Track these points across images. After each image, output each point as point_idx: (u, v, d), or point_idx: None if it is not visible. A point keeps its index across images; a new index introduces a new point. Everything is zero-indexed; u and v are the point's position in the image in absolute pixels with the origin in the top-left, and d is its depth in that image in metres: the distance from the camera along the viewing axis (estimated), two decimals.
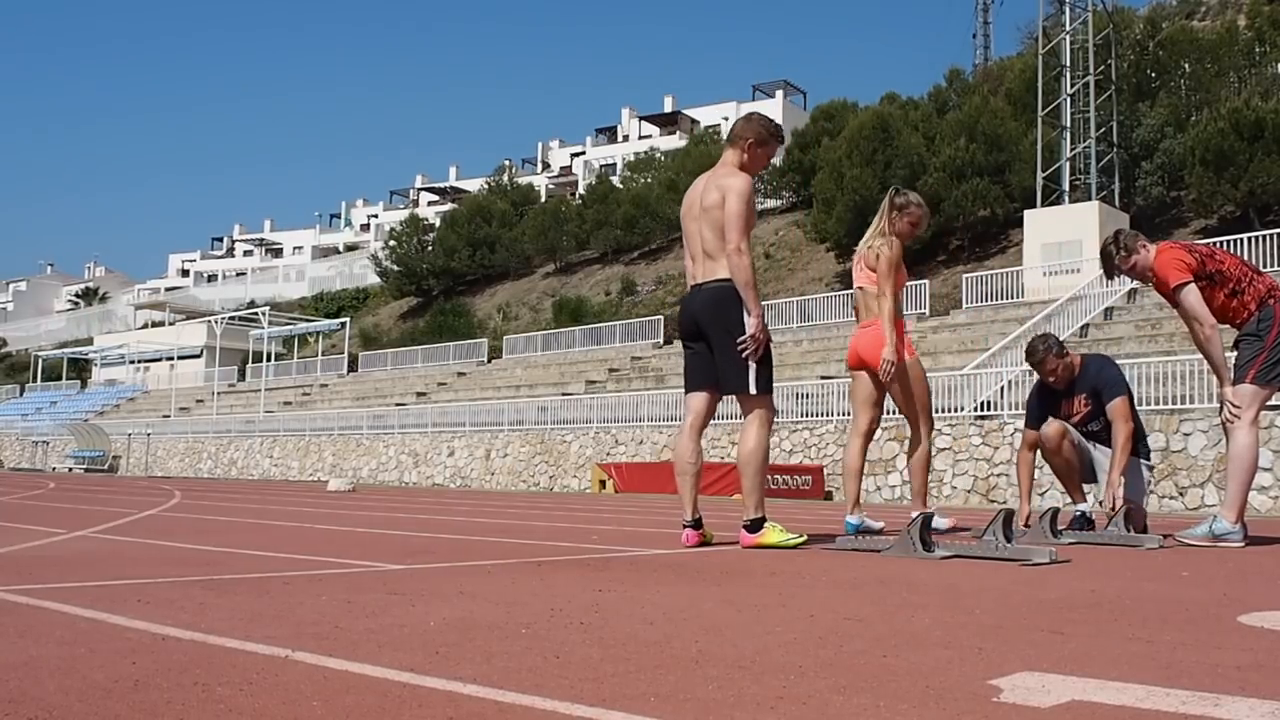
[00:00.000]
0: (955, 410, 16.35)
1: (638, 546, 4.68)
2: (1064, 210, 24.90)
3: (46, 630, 2.03)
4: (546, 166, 74.21)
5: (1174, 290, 4.88)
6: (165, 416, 39.34)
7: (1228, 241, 20.30)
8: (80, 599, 2.48)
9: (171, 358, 47.11)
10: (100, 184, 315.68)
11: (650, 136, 66.60)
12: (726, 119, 64.79)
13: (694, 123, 63.82)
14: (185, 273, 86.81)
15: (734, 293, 4.43)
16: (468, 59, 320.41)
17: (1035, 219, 25.05)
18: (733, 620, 2.31)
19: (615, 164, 60.20)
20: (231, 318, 45.39)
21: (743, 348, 4.41)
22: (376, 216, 77.89)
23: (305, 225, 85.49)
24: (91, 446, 37.01)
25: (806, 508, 11.79)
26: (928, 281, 26.03)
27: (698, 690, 1.55)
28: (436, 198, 74.15)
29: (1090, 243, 23.64)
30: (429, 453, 25.31)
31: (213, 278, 79.32)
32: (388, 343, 42.95)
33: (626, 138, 70.39)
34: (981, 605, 2.63)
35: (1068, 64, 26.48)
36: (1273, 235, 19.59)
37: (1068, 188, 26.04)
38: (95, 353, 55.14)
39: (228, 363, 44.39)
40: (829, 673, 1.70)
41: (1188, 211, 28.21)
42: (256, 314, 43.21)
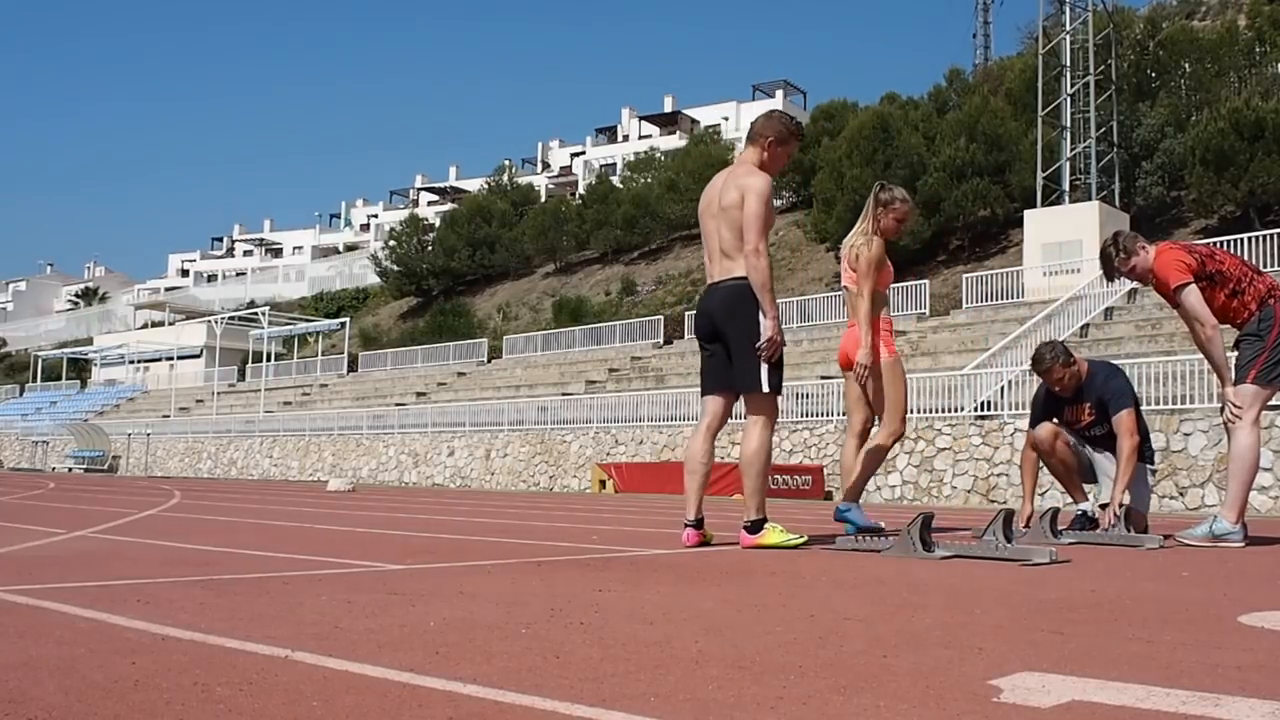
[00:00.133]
0: (955, 410, 16.35)
1: (638, 546, 4.68)
2: (1064, 210, 24.90)
3: (46, 630, 2.03)
4: (546, 166, 74.21)
5: (1174, 291, 4.87)
6: (165, 416, 39.34)
7: (1228, 241, 20.29)
8: (80, 599, 2.48)
9: (171, 358, 47.11)
10: (100, 184, 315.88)
11: (650, 136, 66.60)
12: (726, 119, 64.80)
13: (694, 123, 63.81)
14: (185, 273, 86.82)
15: (750, 291, 4.42)
16: (468, 59, 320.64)
17: (1035, 219, 25.05)
18: (733, 620, 2.31)
19: (615, 164, 60.20)
20: (231, 318, 45.40)
21: (760, 348, 4.41)
22: (376, 216, 77.91)
23: (305, 225, 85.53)
24: (91, 446, 37.01)
25: (806, 508, 11.79)
26: (928, 281, 26.01)
27: (698, 690, 1.55)
28: (436, 198, 74.16)
29: (1090, 243, 23.63)
30: (429, 453, 25.30)
31: (213, 278, 79.33)
32: (388, 343, 42.95)
33: (626, 138, 70.40)
34: (981, 605, 2.63)
35: (1068, 64, 26.48)
36: (1273, 235, 19.59)
37: (1068, 188, 26.04)
38: (95, 353, 55.14)
39: (228, 363, 44.39)
40: (829, 673, 1.70)
41: (1188, 211, 28.21)
42: (256, 314, 43.22)
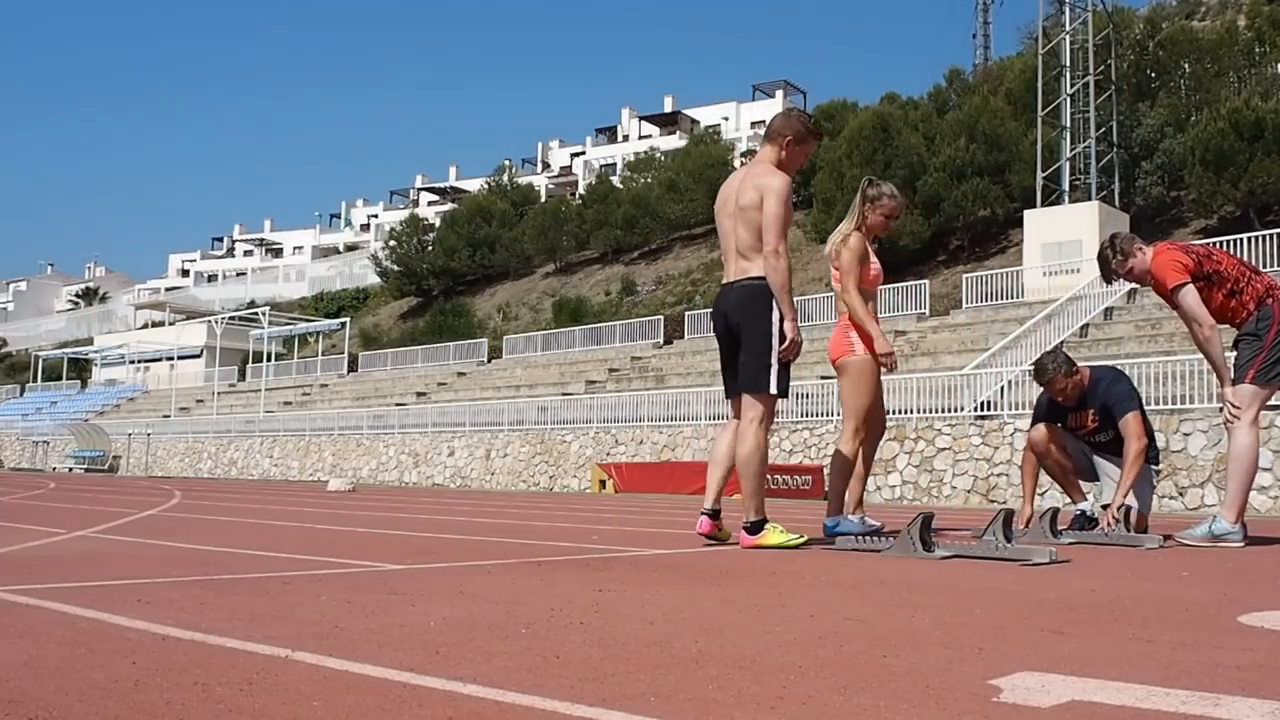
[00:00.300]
0: (955, 410, 16.36)
1: (638, 546, 4.68)
2: (1064, 210, 24.90)
3: (46, 630, 2.03)
4: (546, 166, 74.23)
5: (1172, 292, 4.88)
6: (165, 416, 39.34)
7: (1228, 241, 20.30)
8: (80, 599, 2.48)
9: (171, 358, 47.11)
10: (100, 184, 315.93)
11: (650, 136, 66.63)
12: (726, 119, 64.85)
13: (694, 123, 63.84)
14: (185, 273, 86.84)
15: (764, 291, 4.41)
16: (468, 59, 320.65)
17: (1035, 219, 25.05)
18: (733, 620, 2.31)
19: (615, 164, 60.21)
20: (231, 318, 45.40)
21: (780, 349, 4.43)
22: (376, 216, 77.94)
23: (305, 225, 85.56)
24: (91, 446, 37.01)
25: (806, 508, 11.79)
26: (927, 281, 26.02)
27: (698, 690, 1.55)
28: (436, 198, 74.18)
29: (1090, 243, 23.61)
30: (429, 453, 25.31)
31: (213, 278, 79.35)
32: (388, 343, 42.95)
33: (626, 138, 70.42)
34: (981, 605, 2.63)
35: (1068, 64, 26.48)
36: (1273, 235, 19.59)
37: (1068, 188, 26.05)
38: (95, 353, 55.15)
39: (228, 363, 44.39)
40: (829, 673, 1.70)
41: (1188, 211, 28.21)
42: (256, 314, 43.22)
